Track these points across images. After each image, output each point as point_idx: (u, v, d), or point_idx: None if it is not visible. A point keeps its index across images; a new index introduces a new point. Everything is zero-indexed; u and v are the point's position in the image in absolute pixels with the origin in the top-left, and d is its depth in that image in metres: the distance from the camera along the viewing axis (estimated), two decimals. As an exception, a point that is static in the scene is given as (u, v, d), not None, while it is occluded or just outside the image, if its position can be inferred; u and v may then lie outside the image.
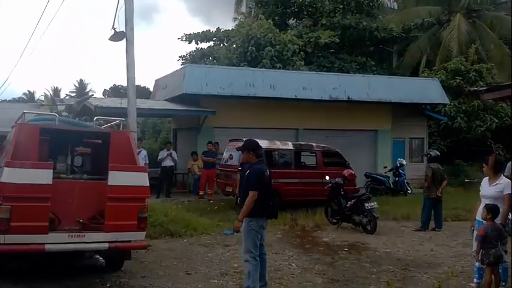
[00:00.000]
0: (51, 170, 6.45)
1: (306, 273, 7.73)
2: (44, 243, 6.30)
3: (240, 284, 6.97)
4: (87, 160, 7.64)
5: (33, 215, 6.24)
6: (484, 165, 6.99)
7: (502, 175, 6.85)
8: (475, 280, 6.98)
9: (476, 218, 6.86)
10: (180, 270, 7.70)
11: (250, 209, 6.12)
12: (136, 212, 6.73)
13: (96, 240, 6.62)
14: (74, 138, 7.60)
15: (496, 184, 6.71)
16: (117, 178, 6.69)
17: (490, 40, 27.56)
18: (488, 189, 6.79)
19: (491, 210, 6.49)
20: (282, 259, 8.53)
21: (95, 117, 8.37)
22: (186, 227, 10.64)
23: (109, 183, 6.69)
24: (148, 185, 6.99)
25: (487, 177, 6.92)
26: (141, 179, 6.88)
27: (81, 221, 6.81)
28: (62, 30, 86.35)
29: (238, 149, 7.06)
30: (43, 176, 6.32)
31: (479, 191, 6.93)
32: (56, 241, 6.42)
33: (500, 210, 6.51)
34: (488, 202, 6.67)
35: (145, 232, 7.01)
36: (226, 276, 7.44)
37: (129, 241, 6.85)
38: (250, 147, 6.43)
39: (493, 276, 6.40)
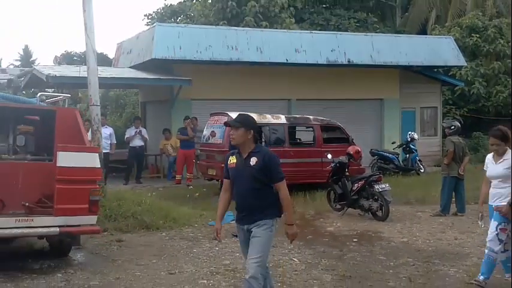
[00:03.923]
0: None
1: (311, 269, 7.67)
2: None
3: (234, 283, 6.89)
4: (31, 139, 8.07)
5: None
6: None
7: (509, 149, 6.64)
8: (506, 276, 6.94)
9: (489, 203, 6.74)
10: (161, 270, 7.58)
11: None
12: (87, 195, 7.21)
13: (46, 224, 7.09)
14: (15, 115, 7.96)
15: (503, 160, 6.60)
16: (65, 159, 7.11)
17: (511, -10, 27.57)
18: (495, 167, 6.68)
19: None
20: (281, 253, 8.43)
21: (38, 94, 8.85)
22: (164, 218, 10.51)
23: (58, 165, 7.11)
24: (99, 166, 7.57)
25: (491, 154, 6.81)
26: (92, 160, 7.36)
27: (27, 204, 7.13)
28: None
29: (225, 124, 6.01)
30: None
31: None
32: (2, 226, 6.86)
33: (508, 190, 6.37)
34: (496, 183, 6.60)
35: (97, 216, 7.51)
36: (218, 275, 7.32)
37: (79, 225, 7.35)
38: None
39: None
